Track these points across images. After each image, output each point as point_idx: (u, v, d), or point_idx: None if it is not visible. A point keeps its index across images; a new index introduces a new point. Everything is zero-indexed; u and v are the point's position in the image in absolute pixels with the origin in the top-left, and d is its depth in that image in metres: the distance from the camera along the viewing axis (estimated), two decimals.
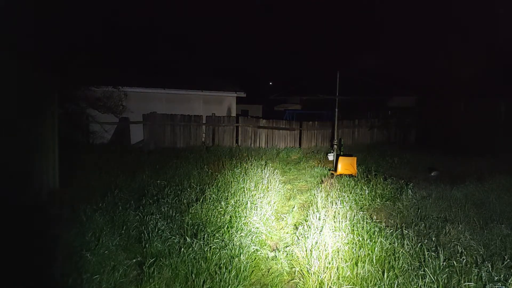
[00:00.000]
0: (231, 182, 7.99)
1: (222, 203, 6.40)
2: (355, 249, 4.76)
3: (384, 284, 4.03)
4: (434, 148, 13.80)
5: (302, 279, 4.32)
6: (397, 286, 3.96)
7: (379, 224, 5.64)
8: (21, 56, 6.76)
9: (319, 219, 5.74)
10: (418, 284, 3.97)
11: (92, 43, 11.15)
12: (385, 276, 4.11)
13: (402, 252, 4.62)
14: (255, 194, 7.23)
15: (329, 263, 4.41)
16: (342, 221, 5.62)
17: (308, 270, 4.37)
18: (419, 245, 4.84)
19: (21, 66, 6.54)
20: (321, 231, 5.32)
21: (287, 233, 5.91)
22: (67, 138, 9.31)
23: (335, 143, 12.69)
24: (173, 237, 5.02)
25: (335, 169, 10.44)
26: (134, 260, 4.47)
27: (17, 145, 6.46)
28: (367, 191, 7.54)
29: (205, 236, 5.05)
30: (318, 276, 4.21)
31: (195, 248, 4.67)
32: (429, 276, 4.07)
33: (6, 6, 6.45)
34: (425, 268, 4.20)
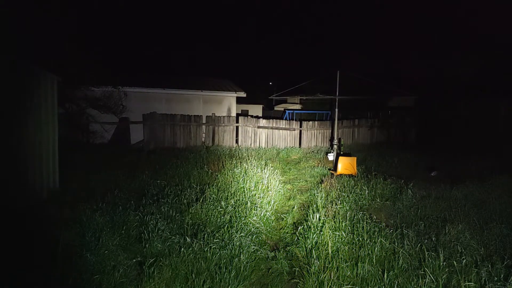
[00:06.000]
0: (231, 182, 7.98)
1: (222, 203, 6.39)
2: (355, 249, 4.76)
3: (384, 284, 4.03)
4: (434, 148, 13.79)
5: (302, 279, 4.32)
6: (397, 286, 3.97)
7: (379, 224, 5.64)
8: (22, 56, 6.76)
9: (319, 219, 5.75)
10: (418, 284, 3.98)
11: (93, 43, 11.16)
12: (385, 276, 4.12)
13: (402, 252, 4.63)
14: (255, 194, 7.23)
15: (329, 263, 4.41)
16: (342, 221, 5.62)
17: (308, 270, 4.38)
18: (419, 245, 4.84)
19: (21, 66, 6.54)
20: (321, 231, 5.32)
21: (287, 233, 5.91)
22: (67, 138, 9.31)
23: (335, 143, 12.69)
24: (173, 237, 5.03)
25: (335, 169, 10.44)
26: (134, 260, 4.47)
27: (17, 145, 6.46)
28: (367, 191, 7.54)
29: (205, 236, 5.05)
30: (318, 276, 4.21)
31: (195, 248, 4.67)
32: (429, 276, 4.07)
33: (7, 6, 6.46)
34: (425, 268, 4.20)
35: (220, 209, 6.15)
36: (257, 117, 17.80)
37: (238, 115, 16.98)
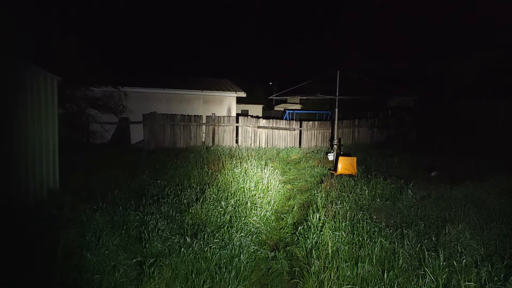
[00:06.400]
0: (231, 182, 7.99)
1: (222, 203, 6.40)
2: (355, 249, 4.76)
3: (384, 284, 4.03)
4: (434, 148, 13.79)
5: (302, 279, 4.33)
6: (397, 286, 3.97)
7: (379, 224, 5.64)
8: (22, 56, 6.76)
9: (319, 219, 5.75)
10: (418, 284, 3.98)
11: (93, 43, 11.16)
12: (385, 276, 4.12)
13: (402, 252, 4.63)
14: (255, 194, 7.24)
15: (329, 263, 4.41)
16: (342, 221, 5.62)
17: (308, 270, 4.38)
18: (419, 245, 4.84)
19: (21, 66, 6.54)
20: (321, 231, 5.32)
21: (287, 233, 5.92)
22: (67, 138, 9.31)
23: (335, 143, 12.69)
24: (173, 237, 5.03)
25: (335, 169, 10.44)
26: (134, 260, 4.48)
27: (17, 145, 6.47)
28: (367, 191, 7.54)
29: (205, 236, 5.05)
30: (318, 276, 4.21)
31: (195, 248, 4.67)
32: (429, 276, 4.07)
33: (7, 7, 6.46)
34: (425, 268, 4.20)
35: (220, 209, 6.15)
36: (257, 117, 17.80)
37: (238, 115, 16.98)
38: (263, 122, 15.61)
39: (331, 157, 12.66)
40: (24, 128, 6.57)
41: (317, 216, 5.80)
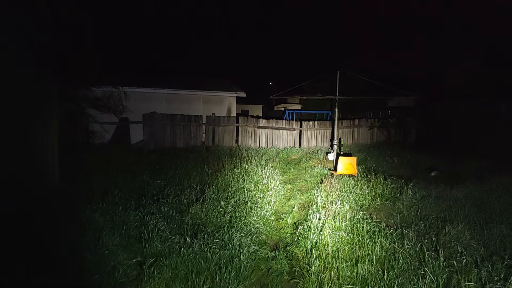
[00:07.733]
0: (231, 182, 7.98)
1: (222, 203, 6.39)
2: (355, 249, 4.76)
3: (384, 284, 4.03)
4: (434, 148, 13.79)
5: (302, 279, 4.32)
6: (397, 286, 3.96)
7: (379, 224, 5.64)
8: (22, 56, 6.76)
9: (319, 219, 5.75)
10: (418, 284, 3.97)
11: (93, 43, 11.17)
12: (385, 276, 4.11)
13: (402, 252, 4.62)
14: (255, 194, 7.23)
15: (329, 263, 4.41)
16: (342, 221, 5.62)
17: (308, 270, 4.38)
18: (419, 245, 4.84)
19: (21, 66, 6.54)
20: (321, 231, 5.32)
21: (287, 233, 5.91)
22: (67, 138, 9.30)
23: (335, 143, 12.69)
24: (173, 237, 5.03)
25: (335, 169, 10.44)
26: (134, 260, 4.47)
27: (17, 145, 6.46)
28: (367, 191, 7.54)
29: (205, 236, 5.05)
30: (318, 276, 4.21)
31: (195, 248, 4.67)
32: (429, 276, 4.07)
33: (7, 6, 6.45)
34: (425, 268, 4.20)
35: (220, 209, 6.15)
36: (257, 117, 17.79)
37: (238, 115, 16.97)
38: (263, 122, 15.61)
39: (331, 157, 12.65)
40: (24, 129, 6.57)
41: (317, 216, 5.79)
